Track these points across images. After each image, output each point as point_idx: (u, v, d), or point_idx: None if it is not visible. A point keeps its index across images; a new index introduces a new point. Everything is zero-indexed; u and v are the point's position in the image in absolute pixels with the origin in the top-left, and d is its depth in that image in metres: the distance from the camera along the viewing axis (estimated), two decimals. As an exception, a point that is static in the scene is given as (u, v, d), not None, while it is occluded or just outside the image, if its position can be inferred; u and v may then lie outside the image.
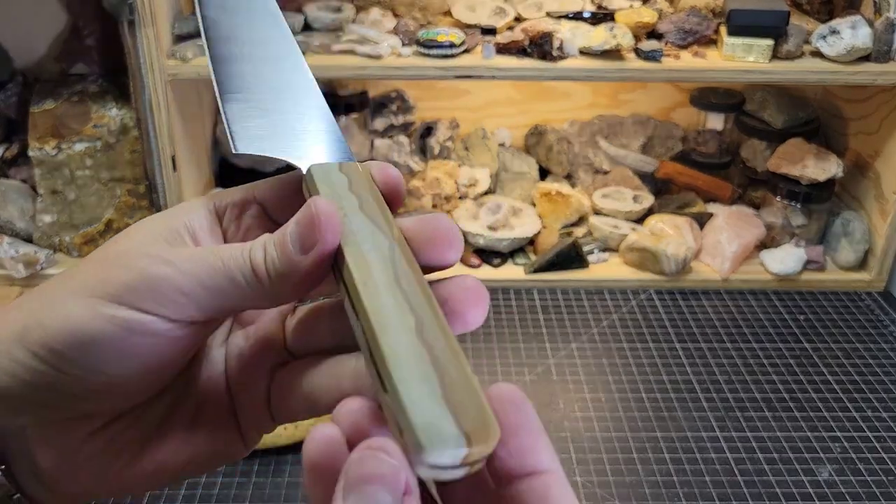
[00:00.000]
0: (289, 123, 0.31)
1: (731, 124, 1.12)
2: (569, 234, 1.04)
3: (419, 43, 0.91)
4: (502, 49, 0.92)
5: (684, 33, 0.94)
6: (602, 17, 0.97)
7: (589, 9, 0.99)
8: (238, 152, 0.29)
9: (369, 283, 0.25)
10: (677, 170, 1.11)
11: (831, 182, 1.00)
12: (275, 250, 0.27)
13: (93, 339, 0.26)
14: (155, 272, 0.26)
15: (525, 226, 1.03)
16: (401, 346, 0.23)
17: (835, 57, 0.90)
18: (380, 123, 1.11)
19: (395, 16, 0.99)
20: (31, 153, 0.95)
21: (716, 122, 1.12)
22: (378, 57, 0.89)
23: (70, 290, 0.27)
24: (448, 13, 1.00)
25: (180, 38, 0.90)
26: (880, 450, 0.75)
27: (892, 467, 0.74)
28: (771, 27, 0.90)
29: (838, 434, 0.77)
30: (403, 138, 1.10)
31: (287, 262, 0.26)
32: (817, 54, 0.92)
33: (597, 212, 1.07)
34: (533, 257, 1.03)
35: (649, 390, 0.82)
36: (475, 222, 1.03)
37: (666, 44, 0.94)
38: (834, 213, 1.04)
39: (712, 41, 0.96)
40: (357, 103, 1.08)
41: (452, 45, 0.90)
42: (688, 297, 0.98)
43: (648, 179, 1.12)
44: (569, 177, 1.14)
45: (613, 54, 0.91)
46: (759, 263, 1.02)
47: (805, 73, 0.91)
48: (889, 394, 0.83)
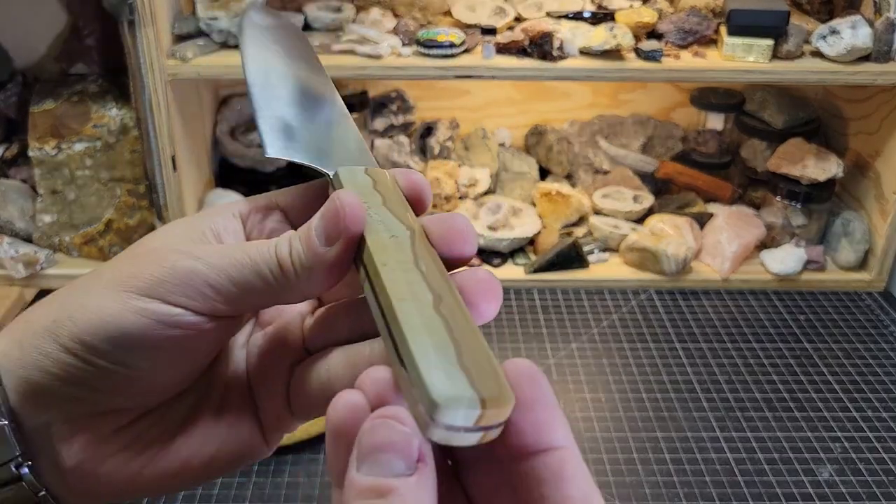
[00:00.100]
0: (317, 134, 0.33)
1: (732, 124, 1.12)
2: (569, 234, 1.04)
3: (419, 43, 0.91)
4: (502, 49, 0.92)
5: (684, 33, 0.94)
6: (602, 16, 0.97)
7: (589, 9, 0.99)
8: (269, 156, 0.31)
9: (389, 264, 0.26)
10: (677, 170, 1.11)
11: (831, 182, 1.00)
12: (300, 244, 0.27)
13: (122, 331, 0.27)
14: (184, 266, 0.27)
15: (525, 226, 1.03)
16: (417, 316, 0.24)
17: (835, 57, 0.90)
18: (380, 123, 1.11)
19: (395, 16, 0.99)
20: (30, 153, 0.95)
21: (716, 122, 1.12)
22: (378, 57, 0.89)
23: (100, 285, 0.28)
24: (448, 13, 1.00)
25: (180, 38, 0.90)
26: (881, 450, 0.75)
27: (893, 467, 0.74)
28: (771, 27, 0.90)
29: (839, 434, 0.77)
30: (403, 138, 1.10)
31: (312, 254, 0.27)
32: (817, 54, 0.92)
33: (597, 212, 1.07)
34: (533, 257, 1.03)
35: (649, 390, 0.82)
36: (475, 222, 1.03)
37: (666, 44, 0.94)
38: (834, 213, 1.04)
39: (712, 41, 0.96)
40: (357, 103, 1.08)
41: (452, 45, 0.90)
42: (688, 297, 0.98)
43: (648, 179, 1.12)
44: (569, 177, 1.14)
45: (613, 54, 0.91)
46: (760, 263, 1.02)
47: (805, 73, 0.91)
48: (889, 394, 0.83)
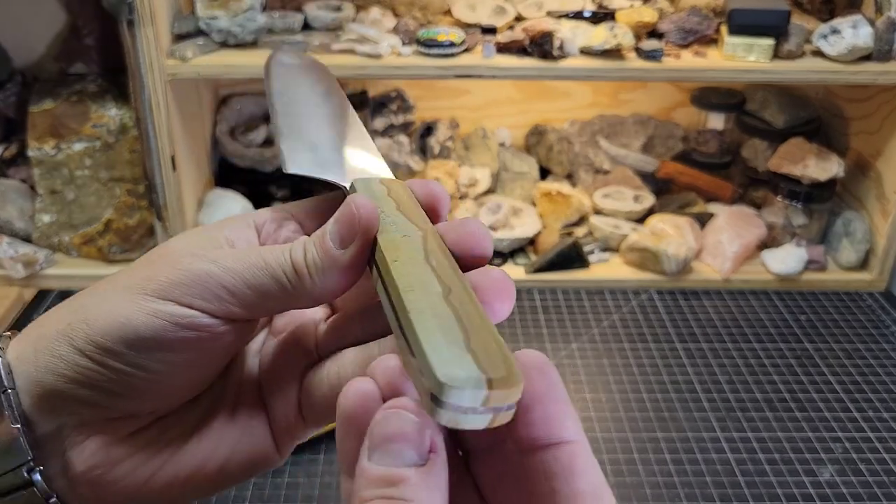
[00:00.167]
0: (335, 152, 0.34)
1: (732, 124, 1.12)
2: (569, 234, 1.03)
3: (419, 42, 0.90)
4: (503, 48, 0.91)
5: (685, 33, 0.94)
6: (603, 16, 0.97)
7: (589, 8, 0.98)
8: (288, 172, 0.31)
9: (399, 259, 0.26)
10: (678, 170, 1.11)
11: (832, 182, 1.00)
12: (314, 248, 0.28)
13: (136, 333, 0.26)
14: (199, 268, 0.27)
15: (525, 226, 1.03)
16: (425, 304, 0.24)
17: (836, 56, 0.90)
18: (380, 123, 1.10)
19: (395, 15, 0.99)
20: (30, 153, 0.94)
21: (717, 121, 1.12)
22: (378, 56, 0.89)
23: (115, 289, 0.28)
24: (448, 12, 1.00)
25: (180, 38, 0.89)
26: (881, 450, 0.75)
27: (894, 468, 0.73)
28: (772, 26, 0.90)
29: (839, 434, 0.77)
30: (403, 138, 1.10)
31: (327, 257, 0.27)
32: (818, 54, 0.92)
33: (597, 212, 1.07)
34: (533, 257, 1.03)
35: (650, 391, 0.82)
36: (475, 222, 1.02)
37: (667, 43, 0.94)
38: (835, 212, 1.04)
39: (713, 40, 0.96)
40: (357, 103, 1.08)
41: (452, 45, 0.89)
42: (688, 297, 0.98)
43: (649, 179, 1.12)
44: (569, 176, 1.13)
45: (614, 54, 0.91)
46: (760, 263, 1.02)
47: (806, 72, 0.91)
48: (890, 394, 0.82)
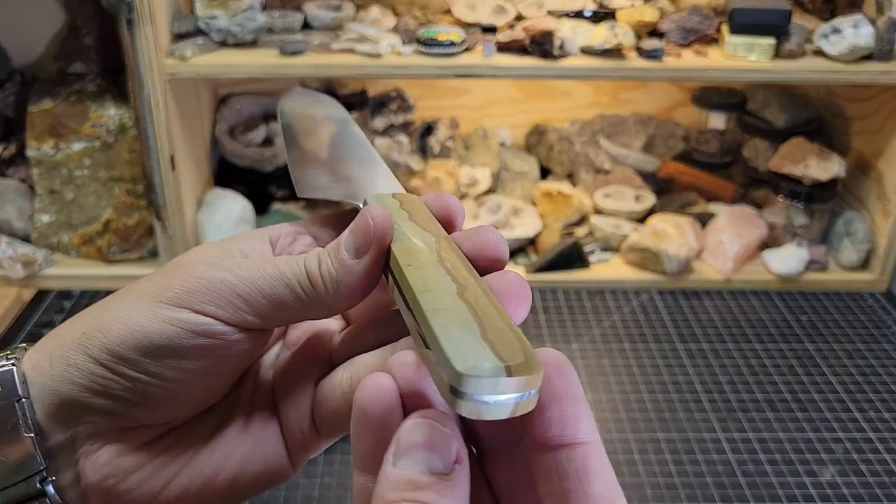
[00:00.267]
0: (347, 175, 0.34)
1: (733, 124, 1.11)
2: (570, 233, 1.03)
3: (419, 41, 0.90)
4: (503, 48, 0.91)
5: (686, 32, 0.94)
6: (603, 15, 0.97)
7: (590, 7, 0.98)
8: (302, 196, 0.32)
9: (413, 264, 0.26)
10: (679, 169, 1.11)
11: (833, 182, 1.00)
12: (329, 258, 0.28)
13: (152, 341, 0.27)
14: (214, 276, 0.27)
15: (526, 225, 1.03)
16: (440, 301, 0.24)
17: (837, 56, 0.90)
18: (380, 122, 1.10)
19: (395, 14, 0.99)
20: (29, 153, 0.94)
21: (717, 121, 1.12)
22: (378, 56, 0.89)
23: (130, 298, 0.28)
24: (448, 12, 0.99)
25: (179, 37, 0.89)
26: (882, 450, 0.75)
27: (895, 468, 0.73)
28: (773, 26, 0.89)
29: (840, 435, 0.77)
30: (403, 137, 1.10)
31: (342, 267, 0.27)
32: (819, 53, 0.92)
33: (598, 211, 1.07)
34: (534, 257, 1.02)
35: (651, 391, 0.82)
36: (475, 222, 1.02)
37: (667, 43, 0.94)
38: (836, 212, 1.04)
39: (714, 40, 0.95)
40: (357, 102, 1.07)
41: (453, 44, 0.89)
42: (689, 297, 0.98)
43: (650, 179, 1.12)
44: (570, 176, 1.13)
45: (615, 53, 0.90)
46: (761, 263, 1.02)
47: (807, 72, 0.91)
48: (891, 394, 0.82)
